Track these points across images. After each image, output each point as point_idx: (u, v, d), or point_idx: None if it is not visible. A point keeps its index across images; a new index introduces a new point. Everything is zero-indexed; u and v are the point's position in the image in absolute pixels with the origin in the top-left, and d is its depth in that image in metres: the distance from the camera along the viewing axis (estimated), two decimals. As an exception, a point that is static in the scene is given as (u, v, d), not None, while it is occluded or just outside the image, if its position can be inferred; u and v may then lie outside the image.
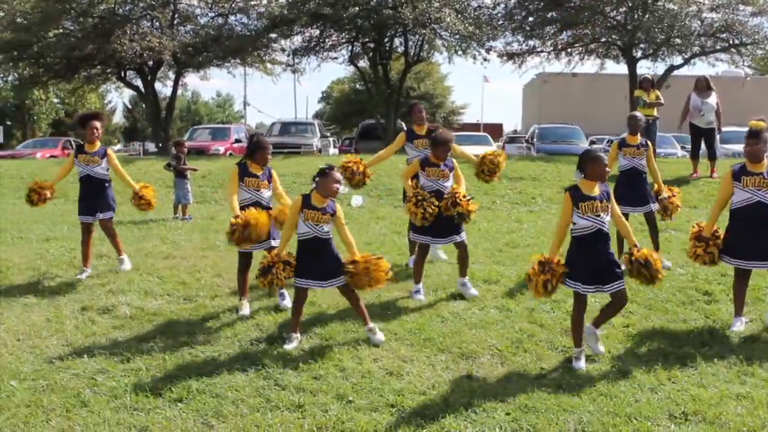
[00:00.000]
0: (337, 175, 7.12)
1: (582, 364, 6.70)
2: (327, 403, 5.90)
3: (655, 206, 9.92)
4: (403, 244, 10.26)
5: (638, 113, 10.35)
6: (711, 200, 15.37)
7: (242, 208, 7.89)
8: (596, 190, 6.63)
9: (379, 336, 7.20)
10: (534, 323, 7.83)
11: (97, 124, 9.69)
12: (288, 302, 8.15)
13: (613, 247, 6.96)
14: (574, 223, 6.65)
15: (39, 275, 9.62)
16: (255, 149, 8.18)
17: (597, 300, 7.77)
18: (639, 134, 10.06)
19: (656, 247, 9.64)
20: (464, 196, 8.42)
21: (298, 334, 7.25)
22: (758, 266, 7.75)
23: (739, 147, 23.72)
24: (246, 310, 8.17)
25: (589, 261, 6.62)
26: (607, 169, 6.61)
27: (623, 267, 6.85)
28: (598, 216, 6.57)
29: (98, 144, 9.76)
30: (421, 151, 9.46)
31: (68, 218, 13.91)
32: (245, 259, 8.30)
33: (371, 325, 7.27)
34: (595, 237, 6.61)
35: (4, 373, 6.47)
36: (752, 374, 6.60)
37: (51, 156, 31.39)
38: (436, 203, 8.39)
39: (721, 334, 7.58)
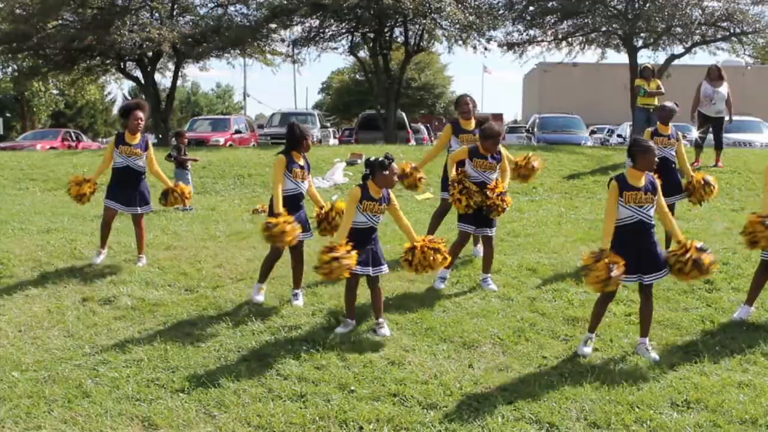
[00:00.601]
0: (396, 167, 7.12)
1: (587, 350, 6.71)
2: (329, 393, 5.90)
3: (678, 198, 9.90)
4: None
5: (669, 103, 10.27)
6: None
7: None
8: (642, 181, 6.58)
9: (385, 330, 7.18)
10: (535, 312, 7.83)
11: (140, 114, 9.55)
12: (300, 302, 8.13)
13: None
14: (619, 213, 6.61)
15: (40, 266, 9.60)
16: (300, 138, 8.00)
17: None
18: (670, 124, 10.04)
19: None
20: (498, 190, 8.44)
21: (353, 321, 7.34)
22: None
23: (740, 136, 23.80)
24: (261, 296, 8.21)
25: (630, 251, 6.55)
26: (656, 159, 6.59)
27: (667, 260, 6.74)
28: (642, 207, 6.53)
29: (139, 135, 9.68)
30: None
31: (69, 209, 13.90)
32: (276, 252, 8.22)
33: (381, 320, 7.25)
34: (638, 228, 6.57)
35: (5, 364, 6.47)
36: (754, 362, 6.61)
37: (51, 147, 31.32)
38: (478, 192, 8.39)
39: (723, 322, 7.59)
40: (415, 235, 7.30)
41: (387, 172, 6.99)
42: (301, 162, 8.05)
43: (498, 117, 68.32)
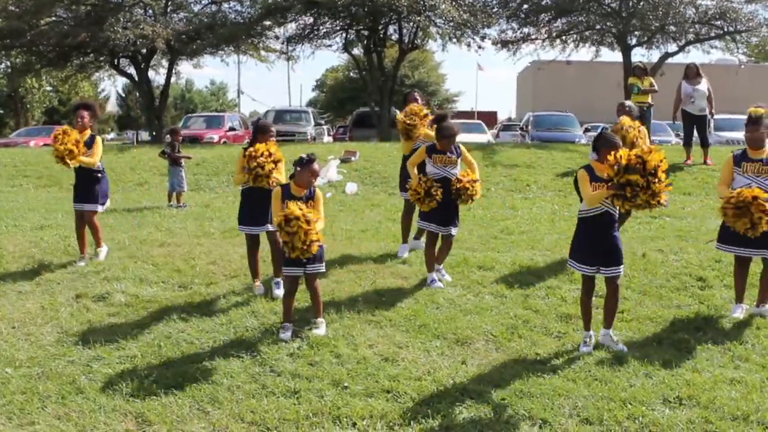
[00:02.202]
0: (317, 167, 7.10)
1: (588, 349, 6.75)
2: (322, 389, 5.92)
3: None
4: (398, 230, 10.24)
5: (628, 102, 10.37)
6: (705, 187, 15.46)
7: None
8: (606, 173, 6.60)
9: (320, 330, 7.15)
10: (529, 309, 7.85)
11: (84, 112, 9.63)
12: (281, 292, 8.15)
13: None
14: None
15: (34, 263, 9.59)
16: (259, 131, 8.30)
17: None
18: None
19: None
20: (470, 179, 8.42)
21: (290, 324, 7.25)
22: (755, 254, 7.65)
23: (732, 134, 23.85)
24: (260, 290, 8.39)
25: (594, 243, 6.63)
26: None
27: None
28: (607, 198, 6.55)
29: (88, 132, 9.68)
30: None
31: (62, 206, 13.88)
32: (251, 241, 8.43)
33: (320, 319, 7.26)
34: (602, 219, 6.61)
35: (-1, 361, 6.48)
36: (746, 359, 6.64)
37: (44, 144, 31.19)
38: (438, 185, 8.38)
39: (715, 319, 7.62)
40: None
41: (305, 171, 6.99)
42: None
43: (492, 115, 68.40)
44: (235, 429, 5.37)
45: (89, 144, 9.58)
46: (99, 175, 9.75)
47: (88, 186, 9.68)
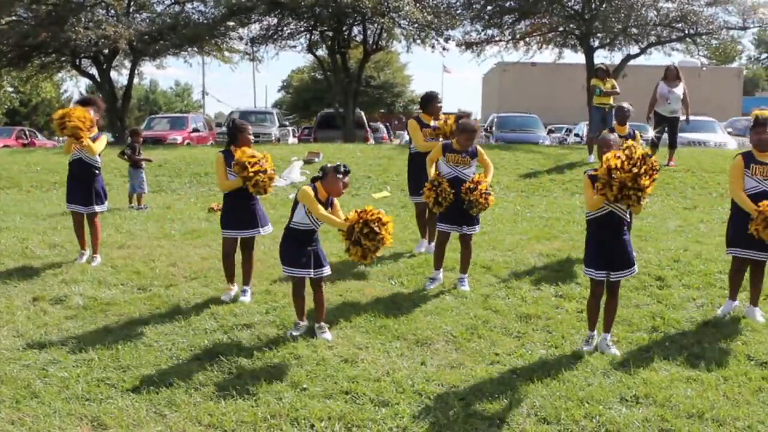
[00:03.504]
0: (348, 180, 7.09)
1: (589, 348, 6.81)
2: (281, 391, 5.88)
3: None
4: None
5: (626, 104, 10.49)
6: (666, 187, 15.61)
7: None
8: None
9: (327, 335, 7.08)
10: (489, 309, 7.87)
11: (92, 111, 9.51)
12: (247, 299, 8.11)
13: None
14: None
15: (-10, 266, 9.46)
16: (236, 132, 8.16)
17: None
18: (627, 125, 10.24)
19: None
20: (482, 188, 8.34)
21: (304, 322, 7.24)
22: (753, 256, 7.61)
23: (695, 136, 24.08)
24: (230, 295, 8.26)
25: (603, 245, 6.66)
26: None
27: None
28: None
29: (95, 130, 9.55)
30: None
31: (20, 208, 13.74)
32: (233, 245, 8.26)
33: (323, 323, 7.16)
34: (608, 221, 6.63)
35: (-48, 365, 6.37)
36: (702, 357, 6.71)
37: (5, 146, 30.86)
38: (450, 190, 8.34)
39: (672, 318, 7.69)
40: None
41: (338, 180, 6.94)
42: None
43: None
44: (192, 432, 5.33)
45: (94, 139, 9.47)
46: (98, 171, 9.62)
47: (88, 185, 9.54)
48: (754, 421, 5.53)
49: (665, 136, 17.47)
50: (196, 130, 31.71)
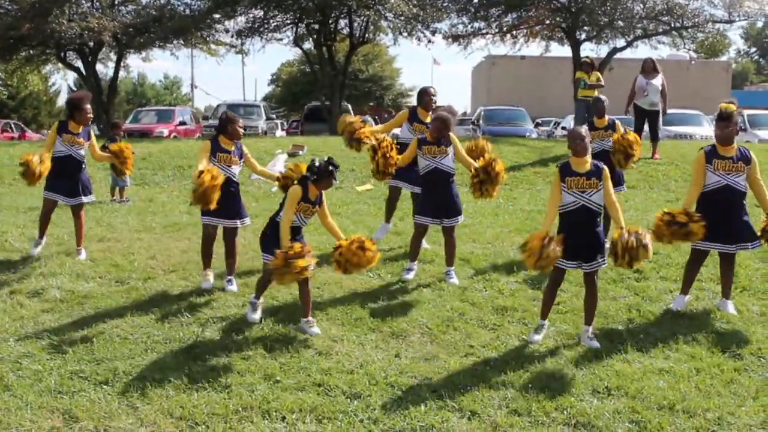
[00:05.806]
0: (337, 177, 7.14)
1: (538, 338, 6.86)
2: (254, 383, 5.89)
3: (623, 189, 10.25)
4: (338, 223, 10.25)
5: (602, 96, 10.49)
6: (650, 180, 15.65)
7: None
8: (586, 167, 6.68)
9: (315, 329, 7.03)
10: (465, 302, 7.89)
11: (89, 107, 9.52)
12: (233, 287, 8.14)
13: None
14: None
15: (-33, 259, 9.41)
16: (225, 123, 8.21)
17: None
18: (606, 116, 10.23)
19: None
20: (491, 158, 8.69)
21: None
22: (719, 248, 7.69)
23: (682, 129, 24.15)
24: (209, 282, 8.30)
25: (572, 238, 6.67)
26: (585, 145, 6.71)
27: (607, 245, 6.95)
28: (584, 192, 6.63)
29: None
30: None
31: (1, 201, 13.67)
32: (212, 232, 8.33)
33: (311, 318, 7.11)
34: (581, 214, 6.67)
35: (-76, 358, 6.35)
36: (676, 349, 6.75)
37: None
38: (392, 153, 8.56)
39: (648, 310, 7.73)
40: (341, 234, 7.26)
41: (331, 179, 6.97)
42: (231, 148, 8.18)
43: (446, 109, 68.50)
44: (163, 424, 5.32)
45: (86, 137, 9.44)
46: (84, 165, 9.59)
47: (75, 178, 9.49)
48: (724, 412, 5.57)
49: (647, 129, 17.48)
50: (183, 123, 31.54)
